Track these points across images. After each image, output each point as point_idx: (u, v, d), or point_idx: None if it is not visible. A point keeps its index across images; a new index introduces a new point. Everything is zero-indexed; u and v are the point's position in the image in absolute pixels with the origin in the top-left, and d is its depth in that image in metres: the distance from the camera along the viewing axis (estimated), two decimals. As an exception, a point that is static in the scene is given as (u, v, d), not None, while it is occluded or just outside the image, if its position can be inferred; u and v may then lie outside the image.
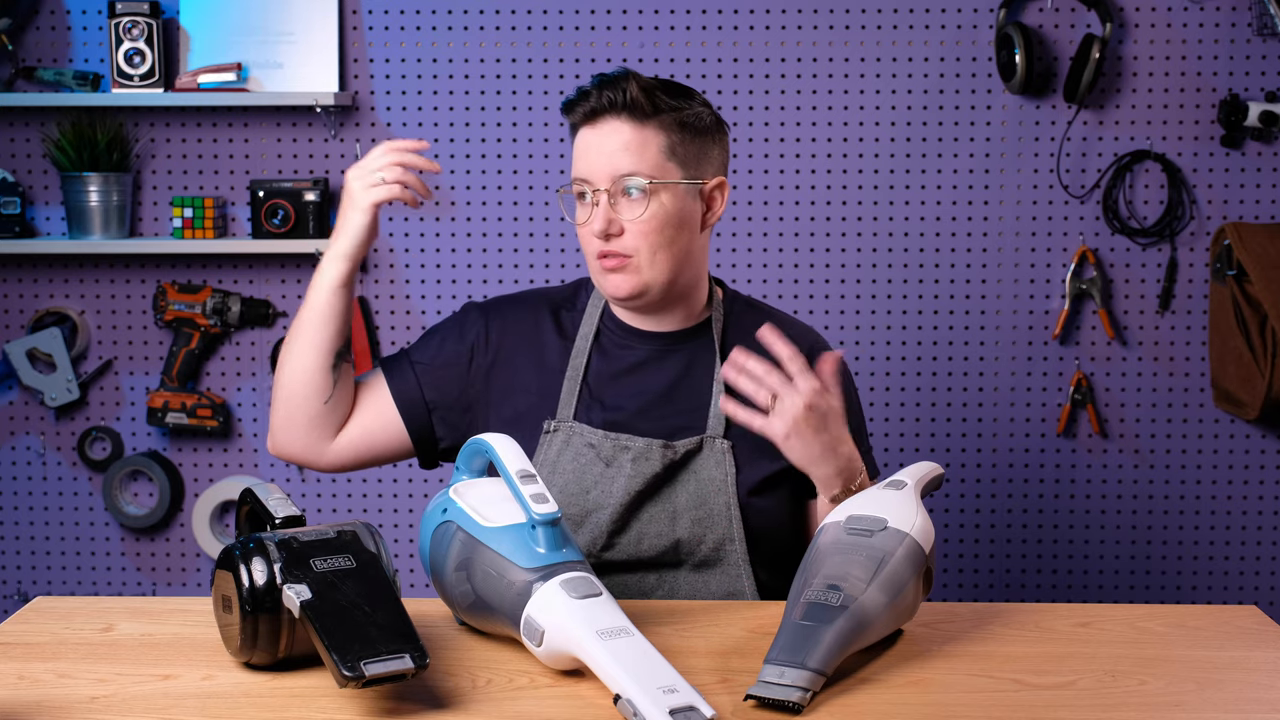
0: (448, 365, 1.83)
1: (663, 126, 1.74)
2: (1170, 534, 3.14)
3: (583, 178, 1.75)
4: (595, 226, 1.73)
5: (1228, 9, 3.01)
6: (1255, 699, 1.35)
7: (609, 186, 1.73)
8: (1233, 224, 2.99)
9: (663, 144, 1.74)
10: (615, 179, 1.72)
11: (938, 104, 3.05)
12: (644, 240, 1.73)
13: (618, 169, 1.72)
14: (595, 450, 1.76)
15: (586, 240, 1.76)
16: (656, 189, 1.73)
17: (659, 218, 1.73)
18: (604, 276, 1.76)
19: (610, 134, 1.73)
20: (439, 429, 1.83)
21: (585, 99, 1.75)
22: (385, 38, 3.07)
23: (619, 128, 1.73)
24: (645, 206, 1.72)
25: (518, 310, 1.87)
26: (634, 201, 1.73)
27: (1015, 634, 1.52)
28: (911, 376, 3.11)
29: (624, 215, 1.73)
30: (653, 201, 1.72)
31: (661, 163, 1.74)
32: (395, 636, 1.30)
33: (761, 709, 1.30)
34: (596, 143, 1.74)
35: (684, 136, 1.75)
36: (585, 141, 1.75)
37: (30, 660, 1.43)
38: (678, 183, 1.74)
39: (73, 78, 3.03)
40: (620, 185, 1.73)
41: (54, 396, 3.12)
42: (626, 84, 1.73)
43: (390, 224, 3.10)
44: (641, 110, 1.73)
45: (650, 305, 1.79)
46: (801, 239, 3.09)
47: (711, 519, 1.75)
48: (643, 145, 1.73)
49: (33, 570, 3.21)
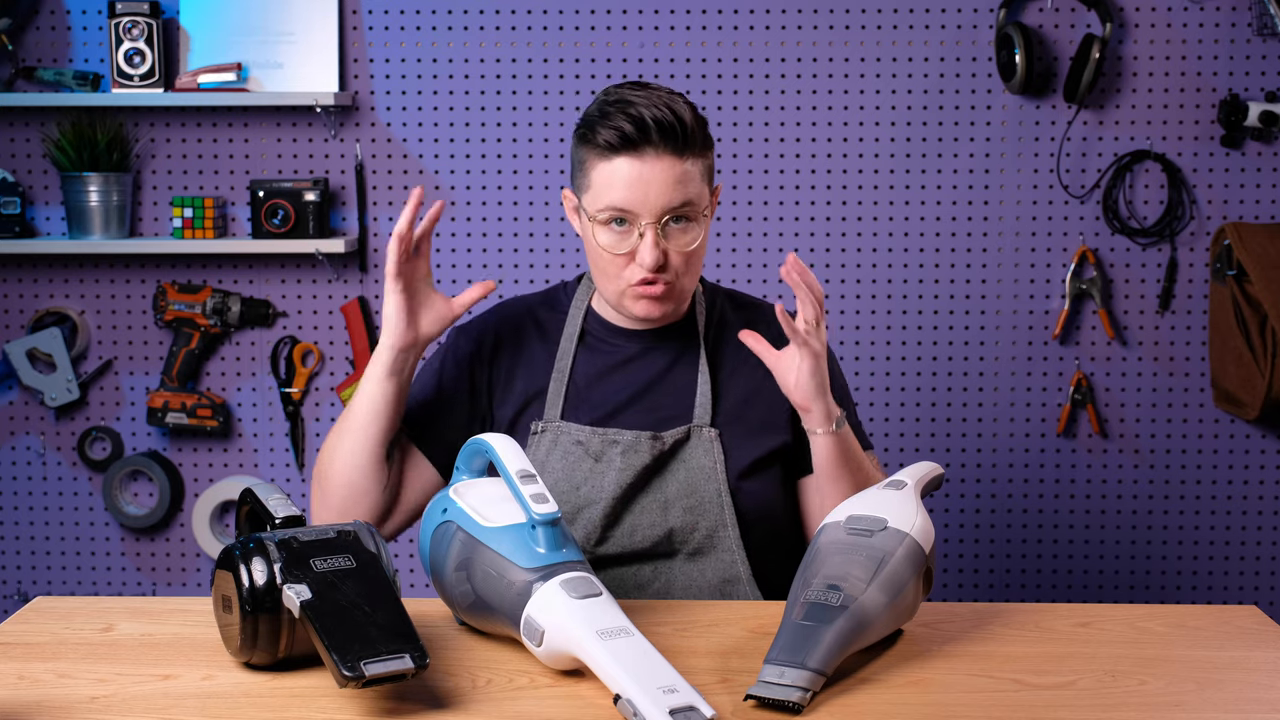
0: (455, 395, 1.84)
1: (700, 153, 1.73)
2: (1170, 534, 3.14)
3: (629, 209, 1.69)
4: (647, 260, 1.69)
5: (1228, 9, 3.01)
6: (1255, 699, 1.35)
7: (659, 220, 1.70)
8: (1233, 224, 2.99)
9: (700, 170, 1.73)
10: (667, 212, 1.69)
11: (938, 104, 3.05)
12: (689, 266, 1.73)
13: (671, 203, 1.69)
14: (583, 447, 1.77)
15: (619, 266, 1.72)
16: (702, 217, 1.73)
17: (702, 242, 1.74)
18: (637, 302, 1.74)
19: (660, 167, 1.68)
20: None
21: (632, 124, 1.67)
22: (385, 38, 3.07)
23: (670, 161, 1.69)
24: (695, 235, 1.72)
25: (500, 323, 1.87)
26: (683, 231, 1.71)
27: (1015, 634, 1.52)
28: (911, 376, 3.11)
29: (672, 245, 1.71)
30: (698, 225, 1.72)
31: (701, 189, 1.73)
32: (395, 636, 1.30)
33: (761, 709, 1.30)
34: (645, 175, 1.68)
35: (708, 156, 1.75)
36: (629, 173, 1.68)
37: (30, 660, 1.43)
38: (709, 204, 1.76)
39: (73, 78, 3.03)
40: (672, 215, 1.70)
41: (54, 396, 3.12)
42: (680, 109, 1.69)
43: (390, 224, 3.10)
44: (693, 142, 1.71)
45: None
46: (801, 239, 3.09)
47: (703, 506, 1.75)
48: (690, 177, 1.71)
49: (33, 570, 3.21)
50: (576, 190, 1.77)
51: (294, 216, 3.01)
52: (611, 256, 1.72)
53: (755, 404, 1.81)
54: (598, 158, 1.71)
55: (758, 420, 1.80)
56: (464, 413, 1.84)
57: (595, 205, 1.72)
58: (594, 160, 1.72)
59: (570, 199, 1.80)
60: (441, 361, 1.86)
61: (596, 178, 1.71)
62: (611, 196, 1.70)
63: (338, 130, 3.08)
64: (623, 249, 1.72)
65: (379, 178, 3.10)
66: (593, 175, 1.72)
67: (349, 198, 3.10)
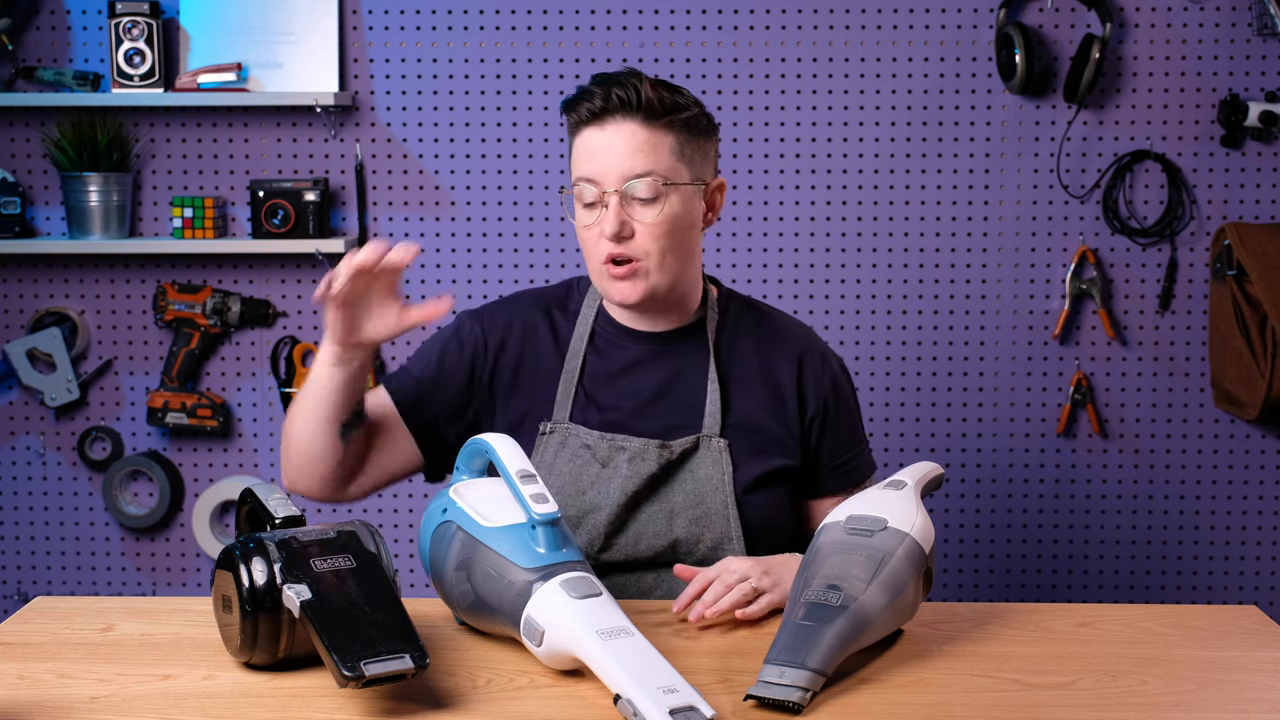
0: (452, 379, 1.82)
1: (671, 127, 1.72)
2: (1170, 534, 3.14)
3: (591, 178, 1.72)
4: (607, 229, 1.70)
5: (1228, 9, 3.01)
6: (1255, 699, 1.35)
7: (620, 188, 1.70)
8: (1233, 224, 2.99)
9: (672, 145, 1.72)
10: (628, 180, 1.70)
11: (938, 104, 3.05)
12: (655, 243, 1.71)
13: (631, 170, 1.70)
14: (591, 451, 1.76)
15: (592, 243, 1.73)
16: (668, 190, 1.71)
17: (670, 220, 1.72)
18: (611, 283, 1.74)
19: (621, 135, 1.70)
20: (452, 440, 1.82)
21: (592, 97, 1.71)
22: (385, 38, 3.07)
23: (631, 129, 1.70)
24: (658, 208, 1.71)
25: (511, 314, 1.86)
26: (646, 203, 1.71)
27: (1015, 634, 1.52)
28: (911, 376, 3.11)
29: (636, 217, 1.71)
30: (665, 203, 1.71)
31: (673, 164, 1.72)
32: (395, 636, 1.30)
33: (761, 709, 1.30)
34: (606, 143, 1.71)
35: (689, 137, 1.74)
36: (593, 142, 1.72)
37: (30, 660, 1.43)
38: (687, 184, 1.74)
39: (73, 78, 3.03)
40: (633, 187, 1.70)
41: (54, 396, 3.12)
42: (639, 83, 1.71)
43: (390, 224, 3.11)
44: (653, 110, 1.71)
45: (652, 307, 1.79)
46: (801, 239, 3.09)
47: (709, 518, 1.74)
48: (655, 146, 1.71)
49: (33, 570, 3.21)
50: None
51: (294, 216, 3.01)
52: (586, 234, 1.74)
53: (766, 420, 1.79)
54: (574, 135, 1.75)
55: (768, 437, 1.79)
56: (455, 397, 1.82)
57: (571, 179, 1.75)
58: (572, 139, 1.76)
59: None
60: (445, 343, 1.84)
61: (573, 155, 1.76)
62: (579, 168, 1.73)
63: (338, 130, 3.08)
64: (592, 221, 1.73)
65: (379, 178, 3.10)
66: (571, 154, 1.76)
67: (349, 198, 3.10)
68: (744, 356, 1.82)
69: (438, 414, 1.81)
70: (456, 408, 1.82)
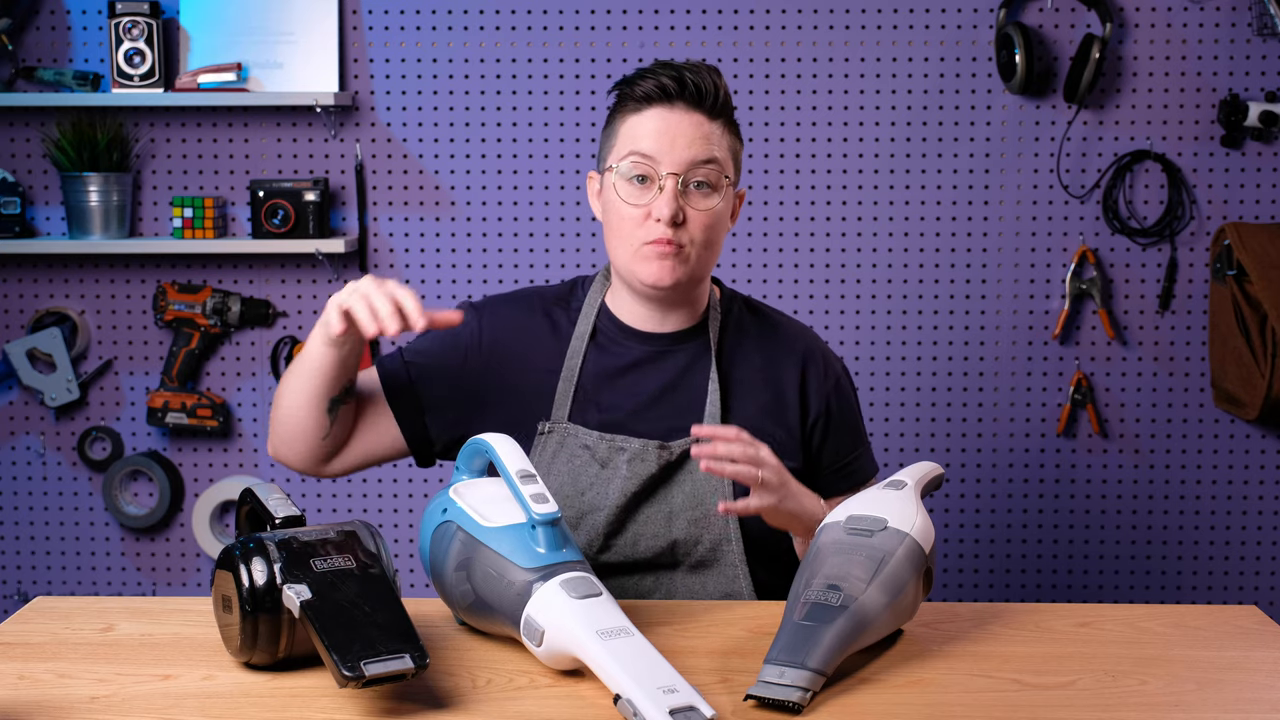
0: (442, 365, 1.82)
1: (728, 127, 1.76)
2: (1170, 534, 3.14)
3: (653, 156, 1.70)
4: (665, 211, 1.69)
5: (1228, 9, 3.01)
6: (1255, 699, 1.35)
7: (682, 172, 1.70)
8: (1233, 224, 2.99)
9: (729, 143, 1.75)
10: (692, 166, 1.71)
11: (938, 104, 3.05)
12: (702, 232, 1.72)
13: (697, 156, 1.71)
14: (590, 452, 1.75)
15: (634, 223, 1.72)
16: (724, 184, 1.74)
17: (719, 213, 1.74)
18: (649, 262, 1.72)
19: (691, 121, 1.71)
20: (433, 429, 1.82)
21: (667, 77, 1.71)
22: (385, 38, 3.07)
23: (698, 118, 1.72)
24: (714, 198, 1.73)
25: (512, 309, 1.85)
26: (702, 193, 1.72)
27: (1015, 634, 1.52)
28: (911, 376, 3.11)
29: (689, 204, 1.72)
30: (719, 196, 1.73)
31: (728, 160, 1.75)
32: (395, 636, 1.30)
33: (761, 709, 1.30)
34: (674, 126, 1.71)
35: (736, 140, 1.78)
36: (657, 122, 1.71)
37: (30, 660, 1.43)
38: (732, 184, 1.76)
39: (73, 78, 3.03)
40: (695, 174, 1.71)
41: (54, 396, 3.12)
42: (717, 78, 1.73)
43: (390, 224, 3.11)
44: (720, 107, 1.74)
45: (670, 299, 1.78)
46: (801, 239, 3.09)
47: (708, 519, 1.74)
48: (719, 140, 1.73)
49: (33, 570, 3.21)
50: (601, 158, 1.78)
51: (294, 216, 3.01)
52: (629, 209, 1.72)
53: (766, 423, 1.79)
54: (630, 112, 1.73)
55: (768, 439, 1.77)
56: (445, 386, 1.81)
57: (620, 154, 1.73)
58: (625, 115, 1.74)
59: (594, 181, 1.81)
60: (441, 331, 1.84)
61: (625, 131, 1.73)
62: (638, 143, 1.71)
63: (338, 130, 3.08)
64: (642, 200, 1.71)
65: (379, 178, 3.10)
66: (621, 130, 1.74)
67: (349, 198, 3.10)
68: (746, 359, 1.82)
69: (423, 400, 1.81)
70: (443, 396, 1.81)
